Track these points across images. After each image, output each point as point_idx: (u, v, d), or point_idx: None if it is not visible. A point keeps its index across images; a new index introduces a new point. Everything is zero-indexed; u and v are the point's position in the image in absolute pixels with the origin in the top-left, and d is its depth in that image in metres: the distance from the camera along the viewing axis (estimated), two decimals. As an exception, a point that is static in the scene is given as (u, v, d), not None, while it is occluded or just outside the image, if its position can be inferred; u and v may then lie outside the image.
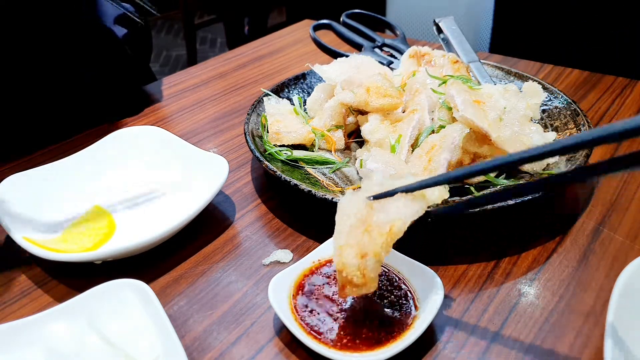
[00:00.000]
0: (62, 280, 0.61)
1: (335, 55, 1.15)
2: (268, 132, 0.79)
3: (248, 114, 0.82)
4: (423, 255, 0.58)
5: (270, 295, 0.53)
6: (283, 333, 0.54)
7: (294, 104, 0.88)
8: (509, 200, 0.61)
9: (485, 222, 0.68)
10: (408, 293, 0.55)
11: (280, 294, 0.54)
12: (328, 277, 0.57)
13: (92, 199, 0.72)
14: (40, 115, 0.92)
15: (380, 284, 0.56)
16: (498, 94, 0.77)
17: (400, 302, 0.54)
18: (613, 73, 1.07)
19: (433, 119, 0.75)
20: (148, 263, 0.62)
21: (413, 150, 0.72)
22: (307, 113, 0.87)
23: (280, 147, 0.77)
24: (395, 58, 1.09)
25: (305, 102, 0.90)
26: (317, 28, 1.27)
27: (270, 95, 0.87)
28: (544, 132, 0.77)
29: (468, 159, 0.71)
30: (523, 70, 0.95)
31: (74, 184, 0.73)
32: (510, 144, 0.68)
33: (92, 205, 0.71)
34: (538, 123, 0.80)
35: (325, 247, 0.60)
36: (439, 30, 1.02)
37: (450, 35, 0.99)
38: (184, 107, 1.02)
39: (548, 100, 0.84)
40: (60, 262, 0.58)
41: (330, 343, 0.50)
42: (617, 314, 0.47)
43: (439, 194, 0.50)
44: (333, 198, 0.63)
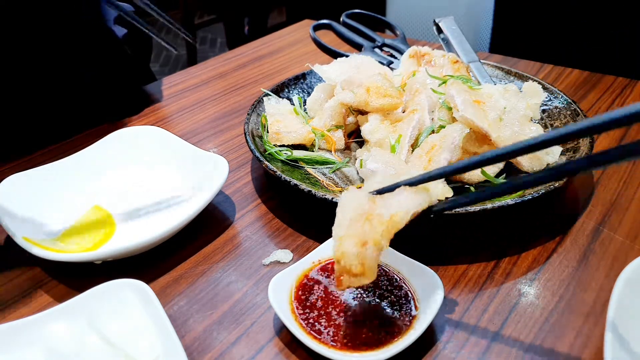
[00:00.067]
0: (62, 280, 0.61)
1: (335, 55, 1.15)
2: (268, 132, 0.79)
3: (248, 114, 0.82)
4: (423, 255, 0.58)
5: (270, 295, 0.53)
6: (283, 333, 0.54)
7: (294, 104, 0.88)
8: (509, 200, 0.61)
9: (485, 222, 0.68)
10: (408, 293, 0.55)
11: (280, 294, 0.54)
12: (328, 277, 0.57)
13: (92, 199, 0.72)
14: (40, 115, 0.92)
15: (380, 284, 0.56)
16: (498, 94, 0.77)
17: (400, 302, 0.54)
18: (613, 73, 1.07)
19: (433, 119, 0.76)
20: (148, 263, 0.62)
21: (413, 150, 0.72)
22: (307, 113, 0.87)
23: (280, 147, 0.77)
24: (395, 58, 1.09)
25: (305, 102, 0.90)
26: (317, 28, 1.27)
27: (270, 95, 0.87)
28: (544, 132, 0.77)
29: (468, 159, 0.72)
30: (523, 70, 0.95)
31: (74, 184, 0.73)
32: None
33: (92, 205, 0.71)
34: (538, 123, 0.80)
35: (325, 247, 0.60)
36: (439, 30, 1.02)
37: (450, 35, 0.99)
38: (184, 107, 1.02)
39: (548, 100, 0.84)
40: (60, 262, 0.58)
41: (330, 343, 0.50)
42: (617, 314, 0.47)
43: (442, 190, 0.50)
44: (333, 198, 0.63)
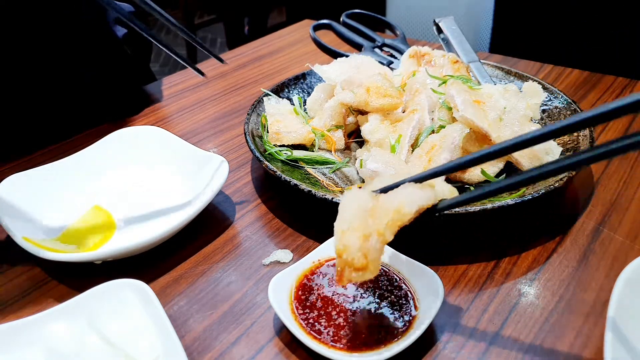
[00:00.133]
0: (62, 280, 0.61)
1: (335, 55, 1.16)
2: (268, 132, 0.79)
3: (248, 114, 0.82)
4: (423, 255, 0.58)
5: (270, 295, 0.53)
6: (283, 333, 0.54)
7: (294, 104, 0.88)
8: (509, 200, 0.61)
9: (485, 222, 0.68)
10: (408, 293, 0.55)
11: (280, 294, 0.54)
12: (328, 277, 0.57)
13: (92, 199, 0.72)
14: (41, 115, 0.92)
15: (380, 284, 0.56)
16: (498, 94, 0.77)
17: (400, 302, 0.54)
18: (613, 73, 1.07)
19: (433, 119, 0.76)
20: (148, 263, 0.62)
21: (413, 150, 0.72)
22: (307, 113, 0.87)
23: (280, 147, 0.77)
24: (395, 58, 1.09)
25: (305, 102, 0.90)
26: (317, 28, 1.27)
27: (270, 95, 0.87)
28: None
29: (468, 159, 0.71)
30: (523, 70, 0.95)
31: (74, 184, 0.73)
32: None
33: (92, 205, 0.71)
34: (538, 123, 0.80)
35: (325, 247, 0.60)
36: (439, 30, 1.02)
37: (450, 35, 0.99)
38: (184, 107, 1.02)
39: (548, 100, 0.84)
40: (60, 262, 0.58)
41: (330, 343, 0.50)
42: (617, 314, 0.47)
43: (449, 189, 0.49)
44: (333, 198, 0.63)
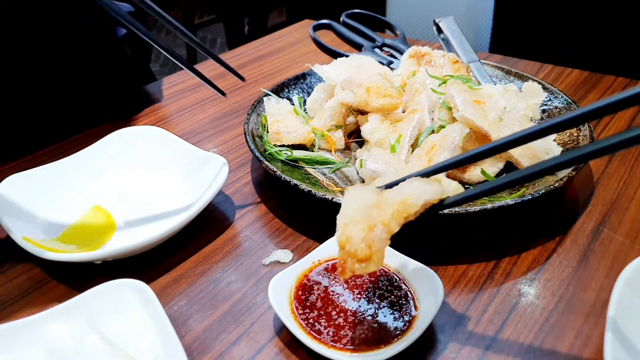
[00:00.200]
0: (62, 280, 0.61)
1: (335, 55, 1.16)
2: (268, 132, 0.79)
3: (248, 114, 0.82)
4: (423, 255, 0.58)
5: (270, 295, 0.53)
6: (283, 333, 0.54)
7: (294, 104, 0.88)
8: (509, 200, 0.61)
9: (485, 222, 0.68)
10: (408, 293, 0.55)
11: (280, 294, 0.54)
12: (328, 277, 0.57)
13: (92, 199, 0.72)
14: (40, 115, 0.92)
15: (380, 284, 0.56)
16: (498, 94, 0.77)
17: (400, 302, 0.54)
18: (613, 73, 1.07)
19: (433, 119, 0.76)
20: (148, 263, 0.62)
21: (413, 150, 0.72)
22: (307, 113, 0.87)
23: (280, 147, 0.77)
24: (395, 58, 1.09)
25: (305, 102, 0.90)
26: (317, 28, 1.27)
27: (270, 95, 0.87)
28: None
29: (468, 159, 0.71)
30: (523, 70, 0.95)
31: (74, 184, 0.73)
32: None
33: (92, 205, 0.71)
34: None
35: (325, 247, 0.60)
36: (439, 30, 1.02)
37: (450, 35, 0.99)
38: (184, 107, 1.02)
39: (548, 100, 0.84)
40: (60, 262, 0.58)
41: (330, 343, 0.50)
42: (617, 314, 0.47)
43: (456, 187, 0.48)
44: (333, 198, 0.63)
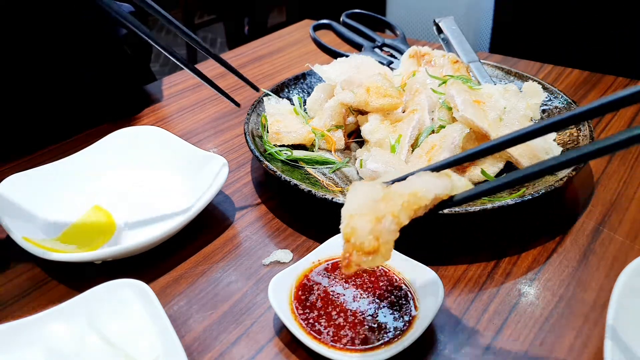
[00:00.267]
0: (62, 280, 0.61)
1: (335, 55, 1.16)
2: (268, 132, 0.79)
3: (248, 114, 0.82)
4: (423, 255, 0.58)
5: (270, 295, 0.53)
6: (283, 333, 0.54)
7: (294, 104, 0.88)
8: (509, 200, 0.61)
9: (485, 222, 0.68)
10: (408, 293, 0.55)
11: (280, 294, 0.54)
12: (328, 277, 0.57)
13: (92, 199, 0.72)
14: (40, 115, 0.92)
15: (380, 284, 0.56)
16: (498, 94, 0.77)
17: (400, 302, 0.54)
18: (613, 73, 1.07)
19: (433, 119, 0.76)
20: (148, 263, 0.62)
21: (413, 150, 0.72)
22: (307, 113, 0.87)
23: (280, 147, 0.77)
24: (395, 58, 1.09)
25: (305, 102, 0.90)
26: (317, 28, 1.27)
27: (270, 95, 0.87)
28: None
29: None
30: (523, 70, 0.95)
31: (74, 184, 0.73)
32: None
33: (92, 205, 0.71)
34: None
35: (325, 247, 0.60)
36: (439, 30, 1.02)
37: (450, 35, 0.99)
38: (184, 107, 1.02)
39: (548, 100, 0.84)
40: (60, 262, 0.58)
41: (330, 343, 0.50)
42: (617, 314, 0.47)
43: (465, 184, 0.46)
44: (333, 198, 0.63)
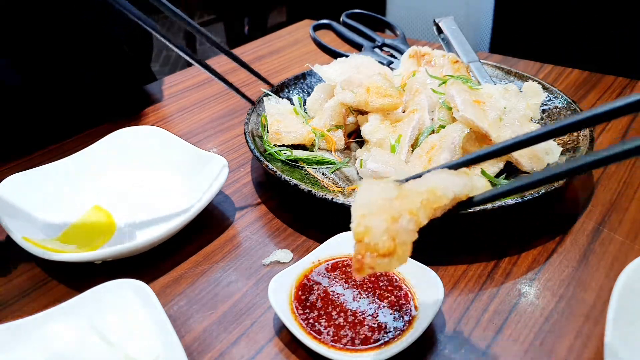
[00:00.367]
0: (62, 280, 0.61)
1: (335, 55, 1.15)
2: (268, 132, 0.79)
3: (248, 114, 0.82)
4: (423, 255, 0.58)
5: (270, 295, 0.53)
6: (283, 333, 0.54)
7: (294, 104, 0.88)
8: (509, 200, 0.61)
9: (485, 222, 0.68)
10: (408, 293, 0.55)
11: (280, 294, 0.54)
12: (328, 277, 0.57)
13: (92, 199, 0.72)
14: (40, 115, 0.92)
15: (380, 284, 0.56)
16: (498, 94, 0.77)
17: (400, 302, 0.54)
18: (613, 73, 1.07)
19: (433, 119, 0.76)
20: (148, 263, 0.62)
21: (413, 150, 0.72)
22: (307, 113, 0.87)
23: (280, 147, 0.77)
24: (395, 58, 1.09)
25: (305, 102, 0.90)
26: (317, 28, 1.27)
27: (270, 95, 0.87)
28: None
29: (468, 159, 0.71)
30: (523, 70, 0.95)
31: (74, 184, 0.72)
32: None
33: (92, 205, 0.71)
34: (538, 123, 0.80)
35: (325, 247, 0.60)
36: (439, 30, 1.02)
37: (450, 35, 0.99)
38: (184, 107, 1.02)
39: (548, 100, 0.84)
40: (60, 262, 0.58)
41: (330, 343, 0.50)
42: (617, 314, 0.47)
43: (485, 184, 0.44)
44: (333, 198, 0.63)
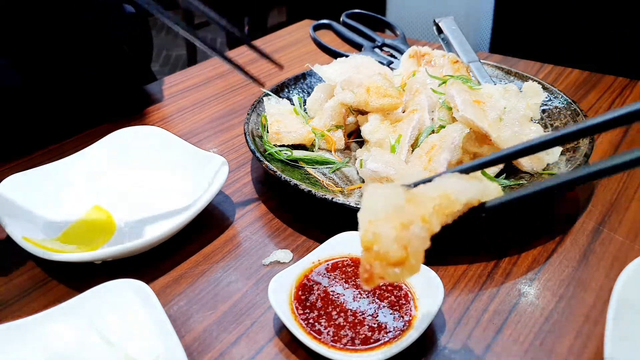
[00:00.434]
0: (62, 280, 0.61)
1: (335, 55, 1.15)
2: (268, 132, 0.79)
3: (248, 114, 0.82)
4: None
5: (270, 295, 0.53)
6: (283, 333, 0.54)
7: (294, 104, 0.88)
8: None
9: (485, 222, 0.68)
10: (408, 293, 0.55)
11: (280, 294, 0.54)
12: (328, 277, 0.57)
13: (92, 199, 0.72)
14: (41, 115, 0.92)
15: (380, 284, 0.56)
16: (498, 94, 0.77)
17: (400, 302, 0.54)
18: (613, 73, 1.07)
19: (433, 119, 0.75)
20: (148, 263, 0.62)
21: (413, 150, 0.72)
22: (307, 113, 0.87)
23: (280, 147, 0.77)
24: (395, 58, 1.09)
25: (305, 102, 0.90)
26: (317, 28, 1.27)
27: (270, 95, 0.87)
28: (544, 132, 0.77)
29: (468, 159, 0.71)
30: (523, 70, 0.95)
31: (74, 184, 0.72)
32: (510, 144, 0.68)
33: (92, 205, 0.71)
34: (538, 123, 0.80)
35: (325, 247, 0.60)
36: (439, 30, 1.02)
37: (450, 35, 0.99)
38: (184, 107, 1.02)
39: (548, 100, 0.84)
40: (60, 262, 0.58)
41: (330, 343, 0.50)
42: (617, 314, 0.47)
43: (496, 189, 0.42)
44: (333, 198, 0.63)
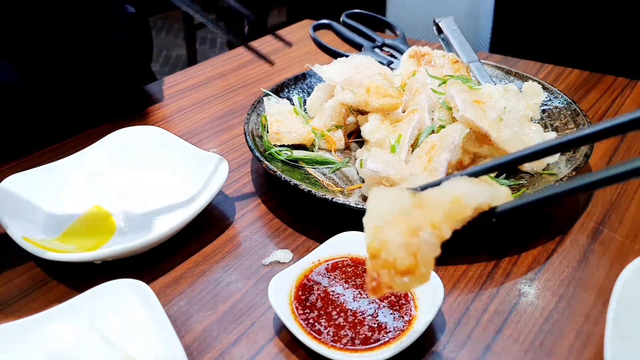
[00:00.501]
0: (62, 280, 0.61)
1: (335, 55, 1.15)
2: (268, 132, 0.79)
3: (248, 114, 0.82)
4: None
5: (270, 295, 0.53)
6: (283, 333, 0.54)
7: (294, 104, 0.88)
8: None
9: (488, 223, 0.68)
10: (408, 293, 0.55)
11: (280, 294, 0.54)
12: (328, 277, 0.57)
13: (92, 199, 0.72)
14: (41, 115, 0.92)
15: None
16: (498, 94, 0.77)
17: (400, 302, 0.54)
18: (613, 73, 1.07)
19: (433, 119, 0.75)
20: (148, 263, 0.62)
21: (413, 150, 0.72)
22: (307, 113, 0.87)
23: (280, 147, 0.77)
24: (395, 58, 1.09)
25: (305, 102, 0.90)
26: (317, 28, 1.27)
27: (270, 95, 0.87)
28: (544, 132, 0.77)
29: (468, 159, 0.71)
30: (523, 70, 0.95)
31: (74, 184, 0.72)
32: (510, 144, 0.68)
33: (92, 205, 0.71)
34: (538, 123, 0.80)
35: (325, 247, 0.60)
36: (439, 30, 1.02)
37: (450, 35, 0.99)
38: (184, 107, 1.02)
39: (548, 100, 0.84)
40: (60, 262, 0.58)
41: (330, 343, 0.50)
42: (617, 314, 0.47)
43: (506, 193, 0.40)
44: (333, 198, 0.63)
